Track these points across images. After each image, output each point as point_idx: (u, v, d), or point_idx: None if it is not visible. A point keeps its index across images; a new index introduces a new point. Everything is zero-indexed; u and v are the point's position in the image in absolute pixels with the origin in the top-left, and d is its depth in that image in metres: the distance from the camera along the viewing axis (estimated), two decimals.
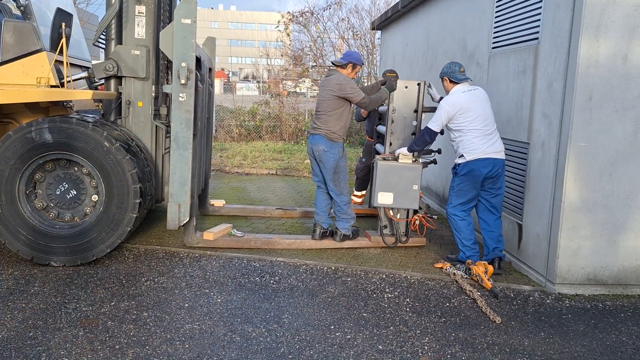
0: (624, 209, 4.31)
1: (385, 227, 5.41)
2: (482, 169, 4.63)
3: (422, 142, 4.96)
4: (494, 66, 5.54)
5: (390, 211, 5.33)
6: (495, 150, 4.67)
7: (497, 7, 5.51)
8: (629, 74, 4.16)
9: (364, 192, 7.22)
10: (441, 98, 5.48)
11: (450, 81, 4.87)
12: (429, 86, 5.45)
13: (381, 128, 5.92)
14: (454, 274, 4.62)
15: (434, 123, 4.79)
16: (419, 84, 5.43)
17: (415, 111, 5.44)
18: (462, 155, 4.72)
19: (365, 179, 7.03)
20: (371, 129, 6.78)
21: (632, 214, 4.32)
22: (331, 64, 5.16)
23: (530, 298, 4.29)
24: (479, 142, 4.63)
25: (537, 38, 4.74)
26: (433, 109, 5.63)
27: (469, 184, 4.72)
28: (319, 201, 5.41)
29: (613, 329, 3.78)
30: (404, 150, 5.11)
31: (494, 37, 5.57)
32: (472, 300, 4.18)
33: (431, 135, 4.84)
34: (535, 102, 4.74)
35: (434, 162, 6.04)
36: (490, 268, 4.55)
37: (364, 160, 6.95)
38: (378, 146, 6.04)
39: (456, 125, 4.72)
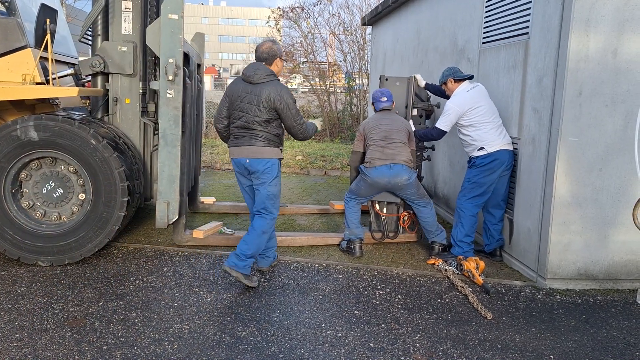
0: (614, 203, 4.32)
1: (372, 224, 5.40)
2: (501, 162, 4.72)
3: (427, 139, 5.10)
4: (485, 61, 5.52)
5: (377, 205, 5.32)
6: (508, 142, 4.78)
7: (487, 1, 5.49)
8: (619, 68, 4.15)
9: None
10: (427, 84, 5.51)
11: (455, 80, 4.95)
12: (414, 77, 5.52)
13: None
14: (446, 270, 4.61)
15: (443, 123, 4.85)
16: (409, 80, 5.44)
17: (406, 107, 5.44)
18: (482, 148, 4.76)
19: None
20: None
21: (622, 209, 4.32)
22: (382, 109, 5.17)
23: (522, 293, 4.29)
24: (495, 134, 4.73)
25: (527, 33, 4.73)
26: (425, 106, 5.63)
27: (488, 175, 4.76)
28: (354, 214, 5.16)
29: (604, 324, 3.78)
30: None
31: (484, 32, 5.55)
32: (463, 296, 4.17)
33: (439, 134, 4.93)
34: (525, 97, 4.73)
35: (428, 159, 6.04)
36: (482, 264, 4.54)
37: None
38: None
39: (467, 121, 4.77)
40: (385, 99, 5.14)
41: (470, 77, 4.97)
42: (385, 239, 5.39)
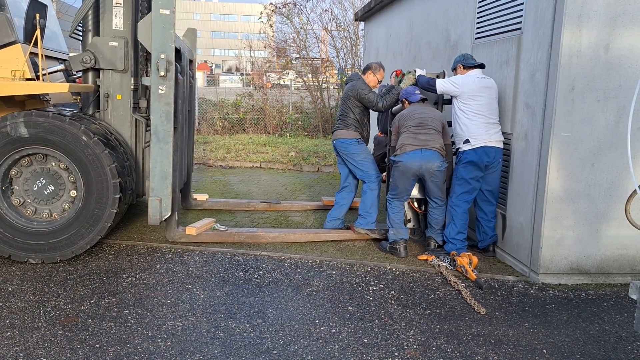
0: (606, 198, 4.34)
1: (409, 220, 5.40)
2: (485, 157, 4.74)
3: (425, 81, 5.13)
4: (477, 57, 5.50)
5: (415, 203, 5.35)
6: (496, 139, 4.79)
7: None
8: (611, 63, 4.16)
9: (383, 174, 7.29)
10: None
11: (464, 67, 4.97)
12: (414, 72, 5.43)
13: None
14: (439, 265, 4.61)
15: (442, 82, 4.94)
16: (437, 76, 5.43)
17: (436, 103, 5.43)
18: (467, 141, 4.78)
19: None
20: (379, 124, 6.93)
21: (614, 204, 4.34)
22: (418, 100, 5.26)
23: (515, 288, 4.30)
24: (483, 130, 4.75)
25: (520, 28, 4.73)
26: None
27: (473, 171, 4.79)
28: (398, 214, 5.07)
29: (596, 318, 3.80)
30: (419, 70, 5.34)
31: (477, 28, 5.54)
32: (456, 291, 4.18)
33: (433, 88, 5.01)
34: (518, 92, 4.74)
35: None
36: (475, 259, 4.55)
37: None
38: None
39: (466, 107, 4.80)
40: (419, 91, 5.23)
41: (480, 66, 4.94)
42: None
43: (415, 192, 5.19)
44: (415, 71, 5.36)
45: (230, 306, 3.77)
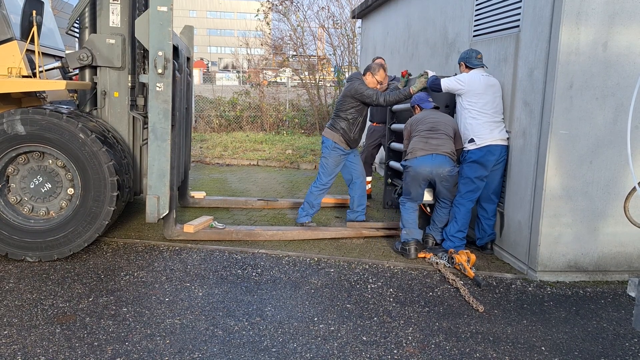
0: (604, 196, 4.34)
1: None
2: (491, 156, 4.74)
3: (430, 81, 5.07)
4: None
5: (428, 208, 5.35)
6: (501, 137, 4.79)
7: None
8: (609, 61, 4.17)
9: (369, 179, 7.23)
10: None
11: (467, 67, 4.97)
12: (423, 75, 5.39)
13: (396, 126, 5.98)
14: (437, 263, 4.62)
15: (447, 80, 4.91)
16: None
17: (447, 106, 5.44)
18: (472, 140, 4.78)
19: (367, 162, 7.12)
20: (375, 114, 6.92)
21: (612, 201, 4.35)
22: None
23: (513, 286, 4.31)
24: (488, 129, 4.75)
25: (518, 26, 4.73)
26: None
27: (478, 170, 4.79)
28: (410, 215, 5.04)
29: (594, 315, 3.81)
30: (431, 72, 5.26)
31: (475, 25, 5.54)
32: (455, 289, 4.18)
33: (437, 87, 4.96)
34: (516, 90, 4.74)
35: None
36: (473, 257, 4.56)
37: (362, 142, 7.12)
38: (394, 145, 6.09)
39: (471, 105, 4.80)
40: (431, 99, 5.23)
41: (482, 66, 4.95)
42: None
43: (429, 198, 5.16)
44: (427, 73, 5.25)
45: (228, 304, 3.76)
